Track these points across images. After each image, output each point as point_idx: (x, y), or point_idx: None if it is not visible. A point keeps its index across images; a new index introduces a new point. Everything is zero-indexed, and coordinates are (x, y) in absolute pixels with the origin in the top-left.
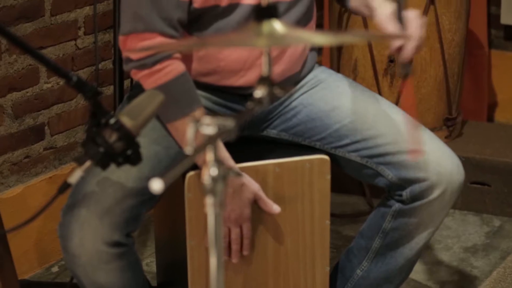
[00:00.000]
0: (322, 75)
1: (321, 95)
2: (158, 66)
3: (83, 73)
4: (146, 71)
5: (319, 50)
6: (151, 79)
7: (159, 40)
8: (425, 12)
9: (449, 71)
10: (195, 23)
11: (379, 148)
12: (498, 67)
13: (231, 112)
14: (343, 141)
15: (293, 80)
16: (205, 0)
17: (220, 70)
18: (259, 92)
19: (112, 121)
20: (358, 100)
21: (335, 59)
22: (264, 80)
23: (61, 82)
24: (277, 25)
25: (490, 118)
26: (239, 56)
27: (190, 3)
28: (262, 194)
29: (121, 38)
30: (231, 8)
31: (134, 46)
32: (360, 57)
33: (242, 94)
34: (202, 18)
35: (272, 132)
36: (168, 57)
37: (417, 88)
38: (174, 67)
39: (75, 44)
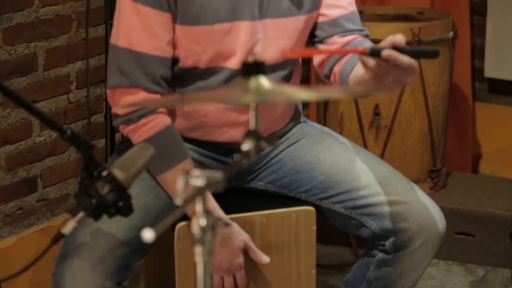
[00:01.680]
0: (307, 128)
1: (306, 148)
2: (143, 121)
3: (75, 127)
4: (132, 126)
5: (305, 104)
6: (137, 134)
7: (143, 95)
8: None
9: (433, 124)
10: (178, 80)
11: (363, 200)
12: (482, 120)
13: (218, 163)
14: (328, 193)
15: (278, 135)
16: (184, 60)
17: (204, 126)
18: (246, 145)
19: (104, 173)
20: (342, 153)
21: (322, 112)
22: (251, 133)
23: (54, 135)
24: (264, 81)
25: (475, 170)
26: (221, 113)
27: (174, 60)
28: (251, 244)
29: (108, 92)
30: (213, 70)
31: (120, 100)
32: (346, 110)
33: (227, 148)
34: (183, 76)
35: (259, 184)
36: (153, 111)
37: (401, 141)
38: (159, 121)
39: (67, 98)
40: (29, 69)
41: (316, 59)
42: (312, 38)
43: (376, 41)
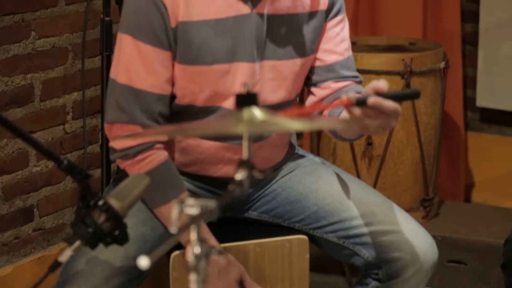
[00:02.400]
0: (300, 158)
1: (299, 178)
2: (139, 157)
3: (71, 157)
4: (129, 161)
5: (299, 134)
6: (135, 168)
7: (147, 130)
8: None
9: (425, 153)
10: (175, 117)
11: (355, 229)
12: (474, 149)
13: (213, 195)
14: (321, 223)
15: (273, 167)
16: (181, 98)
17: (200, 162)
18: (239, 175)
19: (100, 202)
20: (335, 183)
21: (315, 142)
22: (244, 163)
23: (50, 165)
24: (257, 112)
25: (467, 199)
26: (217, 151)
27: (172, 97)
28: (247, 276)
29: (106, 126)
30: (209, 110)
31: (117, 135)
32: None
33: (222, 182)
34: (180, 114)
35: (253, 214)
36: (150, 147)
37: (394, 170)
38: (156, 156)
39: (64, 129)
40: (26, 100)
41: (308, 101)
42: (306, 81)
43: (369, 72)
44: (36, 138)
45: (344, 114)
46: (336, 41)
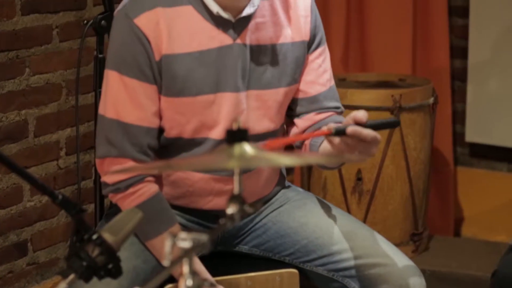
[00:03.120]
0: (290, 193)
1: (290, 213)
2: (131, 190)
3: (65, 192)
4: (121, 195)
5: (290, 169)
6: (126, 202)
7: (131, 164)
8: (391, 132)
9: (414, 188)
10: (164, 150)
11: (345, 263)
12: (464, 183)
13: (204, 229)
14: (311, 256)
15: (263, 200)
16: (169, 131)
17: (190, 195)
18: (230, 209)
19: (94, 236)
20: (325, 217)
21: (306, 178)
22: (235, 198)
23: (44, 200)
24: (247, 148)
25: (457, 233)
26: (206, 183)
27: (160, 131)
28: None
29: (97, 161)
30: (196, 141)
31: (109, 170)
32: (329, 175)
33: (213, 215)
34: (168, 147)
35: (244, 248)
36: (141, 180)
37: (384, 205)
38: (147, 189)
39: (57, 164)
40: (20, 135)
41: (291, 133)
42: (289, 112)
43: (358, 108)
44: (31, 173)
45: (325, 145)
46: (318, 73)
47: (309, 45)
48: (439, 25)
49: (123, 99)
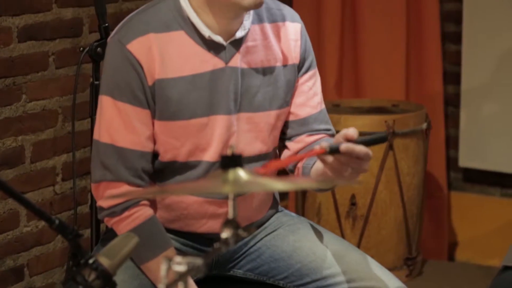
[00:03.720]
0: (284, 217)
1: (284, 237)
2: (126, 213)
3: (61, 217)
4: (116, 218)
5: (284, 194)
6: (121, 225)
7: (126, 188)
8: (384, 157)
9: (408, 213)
10: (159, 174)
11: (338, 286)
12: (457, 208)
13: (199, 252)
14: (305, 280)
15: (257, 224)
16: (163, 154)
17: (184, 218)
18: (225, 234)
19: (91, 261)
20: (318, 241)
21: (300, 203)
22: (230, 222)
23: (40, 225)
24: (242, 173)
25: (451, 257)
26: (200, 206)
27: (155, 155)
28: None
29: (92, 186)
30: (191, 164)
31: (104, 194)
32: (324, 200)
33: (207, 238)
34: (163, 171)
35: (238, 272)
36: (136, 204)
37: (377, 229)
38: (142, 213)
39: (53, 190)
40: (17, 161)
41: (283, 156)
42: (281, 135)
43: None
44: (28, 198)
45: (317, 166)
46: (309, 95)
47: (299, 68)
48: (432, 51)
49: (117, 123)
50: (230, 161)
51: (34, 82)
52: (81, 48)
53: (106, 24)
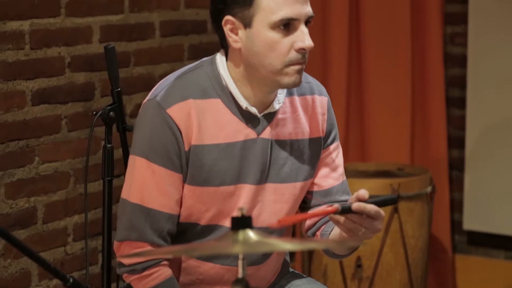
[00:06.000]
0: (292, 278)
1: None
2: (146, 272)
3: None
4: (136, 276)
5: (291, 256)
6: (141, 284)
7: (148, 249)
8: (389, 220)
9: (413, 275)
10: (179, 236)
11: None
12: (462, 271)
13: None
14: None
15: (267, 285)
16: (187, 217)
17: (199, 282)
18: None
19: None
20: None
21: (307, 264)
22: (240, 281)
23: (51, 285)
24: (251, 234)
25: None
26: (216, 272)
27: (178, 216)
28: None
29: (115, 243)
30: (211, 228)
31: (127, 253)
32: (330, 262)
33: None
34: (184, 233)
35: None
36: (157, 264)
37: None
38: (161, 273)
39: (65, 250)
40: (29, 222)
41: (303, 225)
42: (302, 204)
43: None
44: (43, 257)
45: (335, 232)
46: (332, 167)
47: (325, 141)
48: (437, 116)
49: (149, 185)
50: (240, 222)
51: (46, 144)
52: (94, 112)
53: (119, 89)
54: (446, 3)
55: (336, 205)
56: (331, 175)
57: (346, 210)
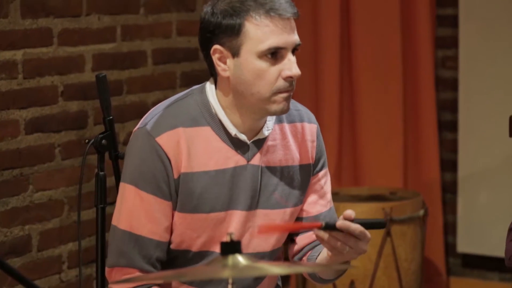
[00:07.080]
0: None
1: None
2: None
3: None
4: None
5: (285, 281)
6: None
7: (139, 275)
8: (382, 244)
9: None
10: (170, 263)
11: None
12: None
13: None
14: None
15: None
16: (179, 244)
17: None
18: None
19: None
20: None
21: (300, 287)
22: None
23: None
24: (240, 258)
25: None
26: None
27: (169, 243)
28: None
29: (106, 269)
30: (202, 254)
31: (116, 278)
32: (324, 287)
33: None
34: (175, 260)
35: None
36: None
37: None
38: None
39: (59, 278)
40: (24, 250)
41: (290, 250)
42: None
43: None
44: (38, 285)
45: (321, 257)
46: (321, 194)
47: (314, 168)
48: (429, 140)
49: (138, 212)
50: (229, 247)
51: (40, 173)
52: (86, 140)
53: (111, 117)
54: (437, 27)
55: (322, 221)
56: (319, 201)
57: (330, 227)
